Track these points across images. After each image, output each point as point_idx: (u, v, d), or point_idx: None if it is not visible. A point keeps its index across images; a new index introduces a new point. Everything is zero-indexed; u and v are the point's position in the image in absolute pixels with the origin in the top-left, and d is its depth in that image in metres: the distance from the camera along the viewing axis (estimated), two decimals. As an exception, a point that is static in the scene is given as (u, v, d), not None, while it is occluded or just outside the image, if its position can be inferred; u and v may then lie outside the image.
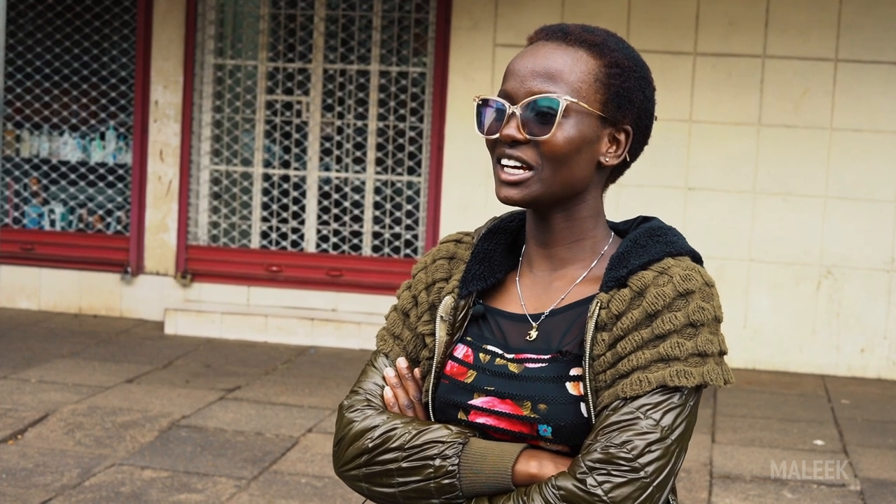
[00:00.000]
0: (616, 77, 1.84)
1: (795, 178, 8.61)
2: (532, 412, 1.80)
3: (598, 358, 1.78)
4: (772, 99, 8.64)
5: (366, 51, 9.37)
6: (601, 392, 1.76)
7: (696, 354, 1.75)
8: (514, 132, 1.82)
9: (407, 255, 9.33)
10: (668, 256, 1.83)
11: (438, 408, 1.91)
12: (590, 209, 1.90)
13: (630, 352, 1.76)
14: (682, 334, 1.75)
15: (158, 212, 9.48)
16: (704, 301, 1.79)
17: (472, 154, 8.95)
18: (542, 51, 1.85)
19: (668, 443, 1.73)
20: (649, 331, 1.76)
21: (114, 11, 9.61)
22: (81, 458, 5.92)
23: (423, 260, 2.06)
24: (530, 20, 8.79)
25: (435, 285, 2.00)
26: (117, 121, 9.72)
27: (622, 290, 1.80)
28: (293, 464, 6.01)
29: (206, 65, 9.47)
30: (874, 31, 8.49)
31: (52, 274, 9.59)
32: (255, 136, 9.53)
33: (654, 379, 1.73)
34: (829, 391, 8.08)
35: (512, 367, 1.85)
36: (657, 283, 1.78)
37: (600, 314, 1.79)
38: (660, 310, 1.76)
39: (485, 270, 1.95)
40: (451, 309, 1.93)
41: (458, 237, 2.06)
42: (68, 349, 8.28)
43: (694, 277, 1.79)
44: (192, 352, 8.43)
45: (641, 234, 1.88)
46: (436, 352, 1.92)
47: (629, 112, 1.86)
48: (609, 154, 1.87)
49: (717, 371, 1.77)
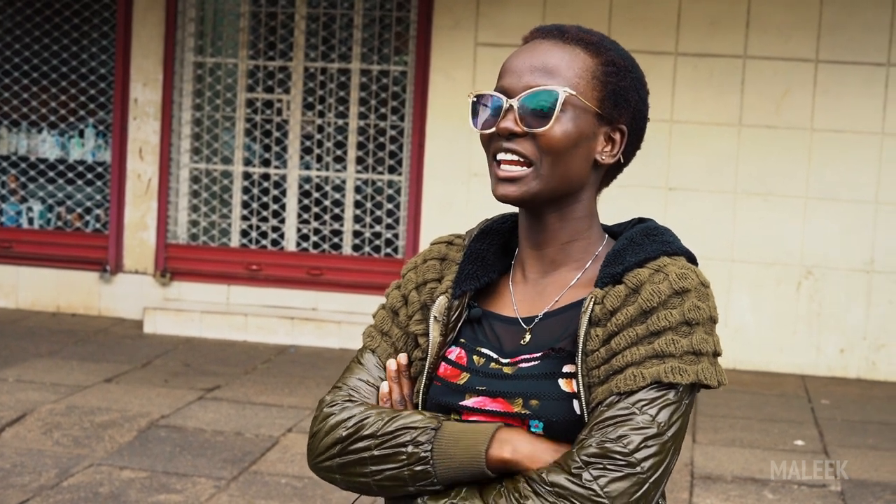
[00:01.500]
0: (612, 75, 1.84)
1: (776, 178, 8.62)
2: (523, 408, 1.79)
3: (592, 353, 1.77)
4: (753, 99, 8.65)
5: (347, 49, 9.35)
6: (594, 387, 1.75)
7: (691, 352, 1.74)
8: (511, 125, 1.81)
9: (388, 255, 9.31)
10: (664, 255, 1.83)
11: (430, 409, 1.90)
12: (584, 209, 1.89)
13: (624, 348, 1.75)
14: (678, 332, 1.74)
15: (138, 210, 9.44)
16: (700, 300, 1.78)
17: (454, 153, 8.94)
18: (540, 48, 1.85)
19: (665, 439, 1.71)
20: (644, 327, 1.75)
21: (93, 8, 9.57)
22: (59, 458, 5.88)
23: (414, 260, 2.05)
24: (512, 19, 8.78)
25: (426, 285, 1.99)
26: (96, 118, 9.67)
27: (617, 287, 1.79)
28: (273, 464, 5.99)
29: (187, 63, 9.43)
30: (855, 33, 8.51)
31: (30, 272, 9.53)
32: (236, 134, 9.50)
33: (648, 375, 1.72)
34: (810, 391, 8.10)
35: (506, 370, 1.85)
36: (653, 281, 1.78)
37: (594, 309, 1.78)
38: (655, 307, 1.75)
39: (478, 270, 1.93)
40: (445, 309, 1.92)
41: (450, 239, 2.04)
42: (46, 348, 8.23)
43: (690, 276, 1.79)
44: (172, 351, 8.39)
45: (637, 232, 1.87)
46: (429, 352, 1.91)
47: (625, 111, 1.86)
48: (605, 153, 1.86)
49: (712, 371, 1.76)
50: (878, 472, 6.31)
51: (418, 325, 1.96)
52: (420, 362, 1.94)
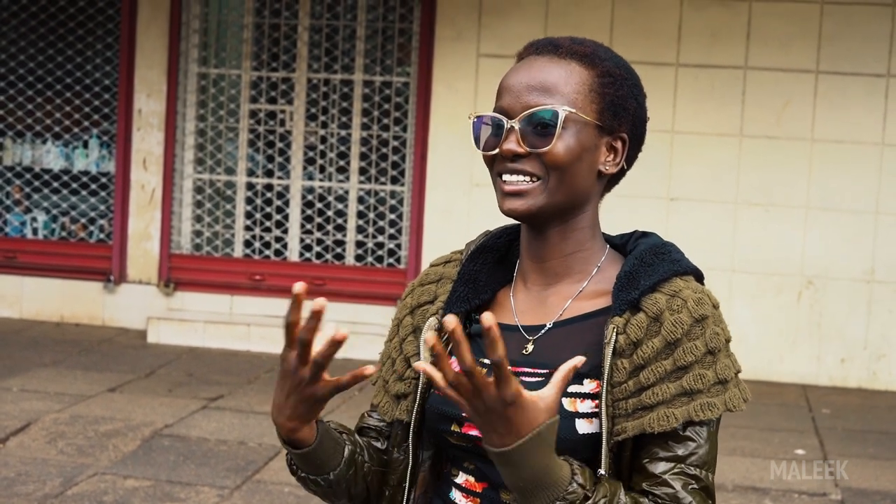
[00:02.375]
0: (609, 86, 1.86)
1: (777, 188, 8.65)
2: None
3: (619, 385, 1.77)
4: (754, 110, 8.68)
5: (349, 60, 9.39)
6: (620, 419, 1.76)
7: (718, 383, 1.77)
8: (514, 146, 1.82)
9: (390, 265, 9.34)
10: (676, 276, 1.84)
11: (430, 418, 1.90)
12: (587, 220, 1.90)
13: (653, 383, 1.76)
14: (703, 364, 1.77)
15: (141, 220, 9.47)
16: (717, 325, 1.80)
17: (456, 163, 8.97)
18: (535, 65, 1.86)
19: (710, 482, 1.77)
20: (671, 361, 1.76)
21: (97, 20, 9.61)
22: (64, 467, 5.91)
23: (412, 284, 2.06)
24: (514, 31, 8.82)
25: (420, 308, 2.00)
26: (100, 129, 9.71)
27: (638, 315, 1.79)
28: (276, 473, 6.01)
29: (190, 73, 9.47)
30: (855, 44, 8.54)
31: (34, 282, 9.56)
32: (239, 145, 9.53)
33: (679, 415, 1.74)
34: (810, 401, 8.12)
35: None
36: (672, 308, 1.78)
37: (618, 340, 1.78)
38: (679, 338, 1.77)
39: (469, 292, 1.94)
40: (435, 330, 1.92)
41: (449, 257, 2.06)
42: (50, 358, 8.26)
43: (705, 301, 1.81)
44: (175, 360, 8.42)
45: (646, 251, 1.87)
46: (421, 374, 1.90)
47: (624, 120, 1.87)
48: (608, 163, 1.88)
49: (737, 394, 1.79)
50: (878, 481, 6.33)
51: (410, 346, 1.97)
52: (413, 381, 1.94)
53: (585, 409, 1.78)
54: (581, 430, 1.77)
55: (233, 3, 9.69)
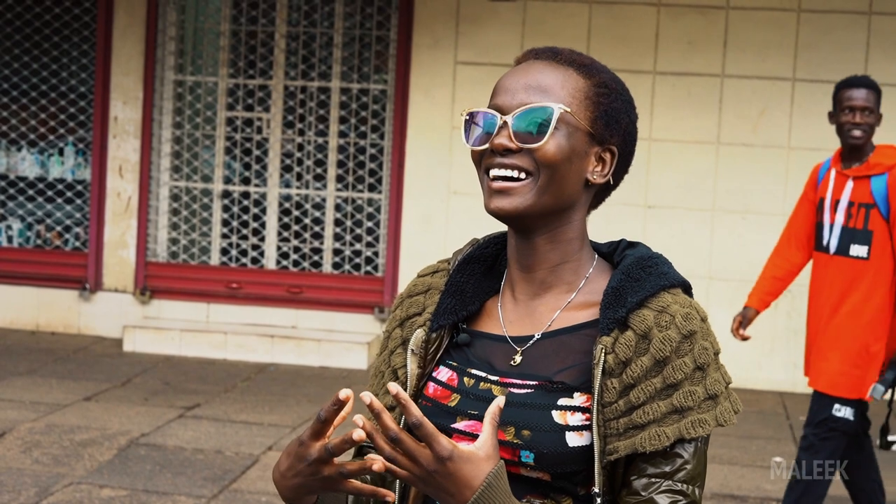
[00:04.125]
0: (604, 97, 1.87)
1: (754, 195, 8.68)
2: (515, 437, 1.78)
3: (610, 405, 1.76)
4: (730, 118, 8.71)
5: (327, 68, 9.38)
6: (611, 438, 1.76)
7: (708, 398, 1.77)
8: (505, 141, 1.81)
9: (367, 273, 9.32)
10: (663, 290, 1.83)
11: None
12: (575, 231, 1.90)
13: (644, 402, 1.76)
14: (692, 380, 1.77)
15: (117, 228, 9.43)
16: (705, 339, 1.80)
17: (433, 171, 8.97)
18: (533, 68, 1.86)
19: (696, 497, 1.78)
20: (660, 379, 1.76)
21: (73, 26, 9.57)
22: (39, 476, 5.87)
23: (400, 295, 2.04)
24: (491, 38, 8.83)
25: (409, 320, 1.98)
26: (76, 136, 9.66)
27: (626, 334, 1.78)
28: (253, 482, 5.99)
29: (167, 81, 9.44)
30: (831, 52, 8.58)
31: (9, 290, 9.51)
32: (216, 152, 9.50)
33: (671, 433, 1.74)
34: (788, 409, 8.14)
35: (496, 392, 1.84)
36: (660, 325, 1.78)
37: (606, 360, 1.77)
38: (668, 356, 1.76)
39: (456, 304, 1.93)
40: (423, 342, 1.92)
41: (436, 267, 2.03)
42: (25, 366, 8.21)
43: (693, 316, 1.80)
44: (151, 369, 8.38)
45: (633, 265, 1.86)
46: (408, 385, 1.91)
47: (616, 132, 1.89)
48: (596, 172, 1.87)
49: (728, 408, 1.80)
50: (855, 488, 6.34)
51: (398, 358, 1.96)
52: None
53: (576, 422, 1.78)
54: (571, 444, 1.77)
55: (209, 11, 9.67)
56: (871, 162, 5.20)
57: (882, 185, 5.12)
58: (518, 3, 8.80)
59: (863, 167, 5.22)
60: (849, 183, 5.25)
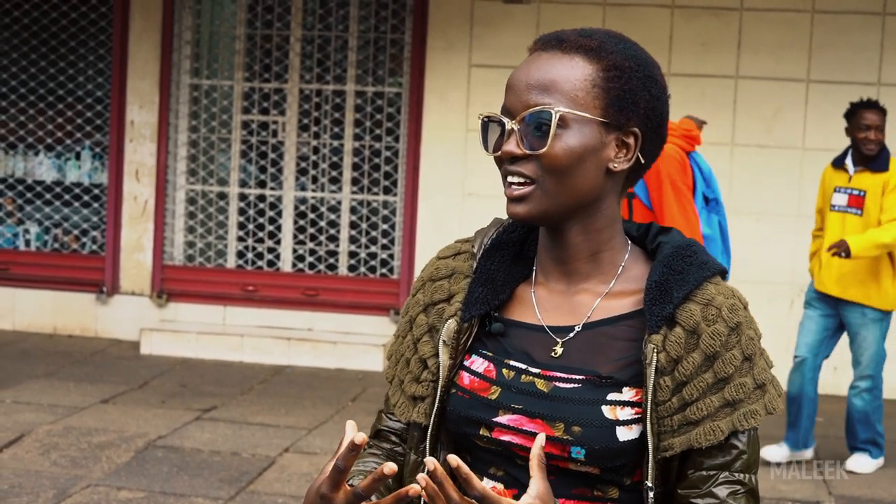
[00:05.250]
0: (615, 80, 1.78)
1: (768, 197, 8.67)
2: (565, 433, 1.76)
3: (664, 403, 1.76)
4: (744, 119, 8.71)
5: (342, 71, 9.41)
6: (666, 435, 1.76)
7: (757, 388, 1.79)
8: (513, 148, 1.76)
9: (383, 275, 9.34)
10: (706, 281, 1.81)
11: (455, 422, 1.85)
12: (606, 219, 1.84)
13: (697, 398, 1.77)
14: (741, 372, 1.78)
15: (134, 232, 9.48)
16: (749, 328, 1.81)
17: (448, 173, 8.99)
18: (538, 62, 1.80)
19: (754, 483, 1.81)
20: (711, 374, 1.77)
21: (90, 31, 9.62)
22: (57, 478, 5.91)
23: (421, 277, 1.98)
24: (505, 41, 8.85)
25: (434, 307, 1.92)
26: (93, 140, 9.71)
27: (675, 330, 1.77)
28: (270, 484, 6.01)
29: (182, 85, 9.48)
30: (845, 53, 8.58)
31: (27, 294, 9.56)
32: (231, 155, 9.54)
33: (725, 427, 1.76)
34: (803, 409, 8.12)
35: (540, 385, 1.81)
36: (707, 319, 1.77)
37: (658, 358, 1.76)
38: (718, 350, 1.77)
39: (488, 293, 1.88)
40: (454, 333, 1.87)
41: (457, 249, 1.97)
42: (43, 369, 8.25)
43: (737, 306, 1.80)
44: (168, 372, 8.42)
45: (672, 256, 1.82)
46: (440, 376, 1.86)
47: (634, 114, 1.79)
48: (619, 159, 1.80)
49: (774, 395, 1.82)
50: (871, 489, 6.35)
51: (426, 347, 1.90)
52: (431, 384, 1.88)
53: (626, 417, 1.77)
54: (622, 438, 1.76)
55: (225, 15, 9.71)
56: None
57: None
58: (532, 6, 8.82)
59: None
60: None
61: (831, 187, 6.74)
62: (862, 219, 6.53)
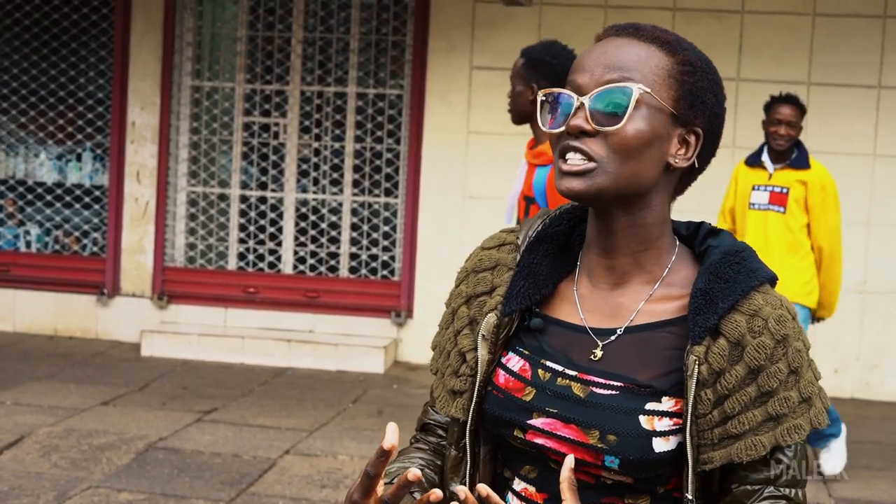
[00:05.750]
0: (689, 75, 1.76)
1: (770, 200, 8.66)
2: (600, 442, 1.72)
3: (704, 416, 1.71)
4: (746, 121, 8.70)
5: (343, 73, 9.41)
6: (705, 448, 1.71)
7: (802, 402, 1.73)
8: (582, 122, 1.71)
9: (384, 277, 9.34)
10: (753, 291, 1.75)
11: (490, 421, 1.83)
12: (656, 216, 1.79)
13: (739, 412, 1.71)
14: (787, 386, 1.72)
15: (135, 233, 9.48)
16: (797, 340, 1.74)
17: (449, 175, 8.99)
18: (613, 44, 1.77)
19: (801, 498, 1.75)
20: (755, 387, 1.71)
21: (91, 33, 9.62)
22: (57, 480, 5.90)
23: (465, 268, 1.95)
24: (506, 43, 8.85)
25: (477, 298, 1.89)
26: (94, 142, 9.71)
27: (719, 342, 1.71)
28: (270, 485, 6.01)
29: (184, 86, 9.49)
30: (847, 55, 8.58)
31: (27, 295, 9.56)
32: (233, 157, 9.54)
33: (767, 441, 1.71)
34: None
35: (576, 390, 1.76)
36: (753, 331, 1.71)
37: (700, 370, 1.70)
38: (762, 364, 1.71)
39: (530, 287, 1.83)
40: (494, 328, 1.83)
41: (502, 239, 1.93)
42: (44, 371, 8.25)
43: (785, 317, 1.74)
44: (169, 373, 8.41)
45: (721, 263, 1.77)
46: (478, 370, 1.83)
47: (701, 113, 1.77)
48: (679, 156, 1.77)
49: (820, 408, 1.75)
50: (871, 491, 6.35)
51: (465, 340, 1.87)
52: (470, 378, 1.85)
53: (663, 428, 1.72)
54: (658, 449, 1.71)
55: (226, 17, 9.71)
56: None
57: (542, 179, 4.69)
58: (533, 8, 8.82)
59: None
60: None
61: (748, 185, 6.65)
62: (784, 217, 6.45)
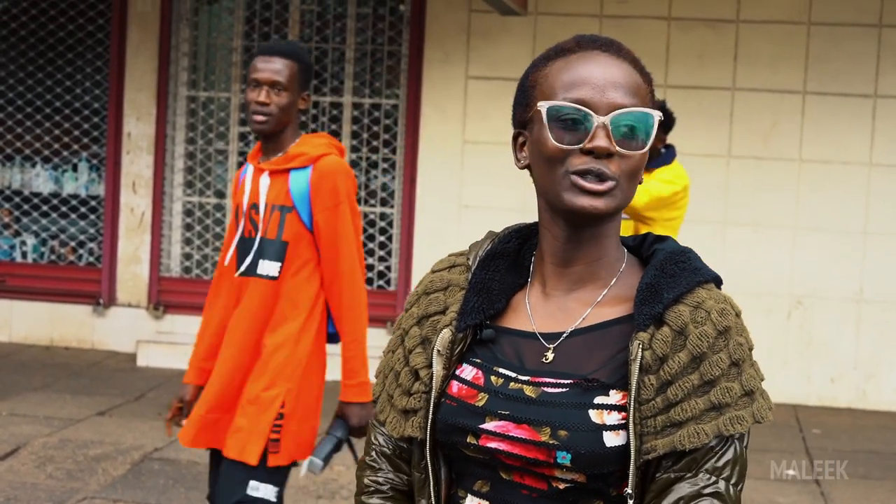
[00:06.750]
0: (653, 91, 1.84)
1: (765, 208, 8.68)
2: (551, 438, 1.73)
3: (647, 402, 1.73)
4: (741, 131, 8.72)
5: (339, 83, 9.42)
6: (648, 436, 1.72)
7: (745, 395, 1.75)
8: (607, 144, 1.74)
9: (380, 287, 9.34)
10: (698, 286, 1.80)
11: (443, 430, 1.83)
12: (615, 228, 1.86)
13: (682, 399, 1.73)
14: (729, 377, 1.74)
15: (131, 243, 9.47)
16: (740, 335, 1.78)
17: (445, 186, 8.99)
18: (605, 61, 1.79)
19: (723, 489, 1.75)
20: (697, 375, 1.73)
21: (87, 43, 9.63)
22: (53, 491, 5.89)
23: (416, 292, 1.97)
24: (502, 53, 8.86)
25: (429, 319, 1.91)
26: (90, 152, 9.71)
27: (662, 329, 1.75)
28: (266, 496, 5.99)
29: (179, 96, 9.49)
30: (842, 64, 8.59)
31: (23, 306, 9.55)
32: (228, 167, 9.54)
33: (710, 430, 1.72)
34: (801, 421, 8.13)
35: (528, 391, 1.78)
36: (696, 321, 1.75)
37: (643, 356, 1.73)
38: (704, 352, 1.74)
39: (483, 302, 1.87)
40: (449, 343, 1.85)
41: (452, 262, 1.98)
42: (40, 381, 8.24)
43: (728, 311, 1.78)
44: (165, 384, 8.40)
45: (666, 261, 1.82)
46: (433, 387, 1.84)
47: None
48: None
49: (763, 405, 1.77)
50: (868, 500, 6.34)
51: (419, 358, 1.88)
52: (424, 395, 1.86)
53: (612, 422, 1.74)
54: (609, 443, 1.73)
55: (222, 27, 9.72)
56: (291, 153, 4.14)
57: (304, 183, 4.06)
58: (529, 18, 8.83)
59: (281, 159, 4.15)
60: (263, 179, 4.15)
61: None
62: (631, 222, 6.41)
